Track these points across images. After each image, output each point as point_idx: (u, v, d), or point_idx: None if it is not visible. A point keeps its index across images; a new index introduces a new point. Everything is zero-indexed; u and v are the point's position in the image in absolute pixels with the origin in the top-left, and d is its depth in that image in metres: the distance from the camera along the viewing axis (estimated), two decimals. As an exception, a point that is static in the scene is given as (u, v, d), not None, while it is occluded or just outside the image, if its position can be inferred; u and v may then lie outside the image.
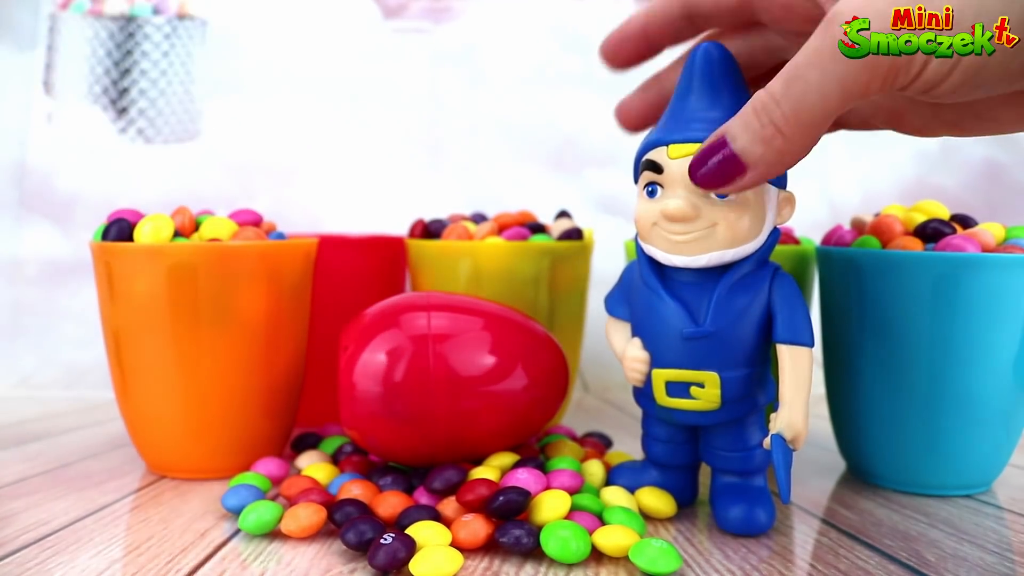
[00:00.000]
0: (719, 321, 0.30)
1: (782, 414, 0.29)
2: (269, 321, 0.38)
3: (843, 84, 0.24)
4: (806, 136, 0.26)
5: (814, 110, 0.25)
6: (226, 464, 0.38)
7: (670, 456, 0.34)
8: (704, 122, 0.30)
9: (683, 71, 0.32)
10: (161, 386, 0.36)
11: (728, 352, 0.30)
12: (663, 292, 0.31)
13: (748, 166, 0.27)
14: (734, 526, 0.31)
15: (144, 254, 0.35)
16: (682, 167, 0.29)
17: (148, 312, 0.36)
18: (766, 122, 0.26)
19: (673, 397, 0.31)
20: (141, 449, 0.39)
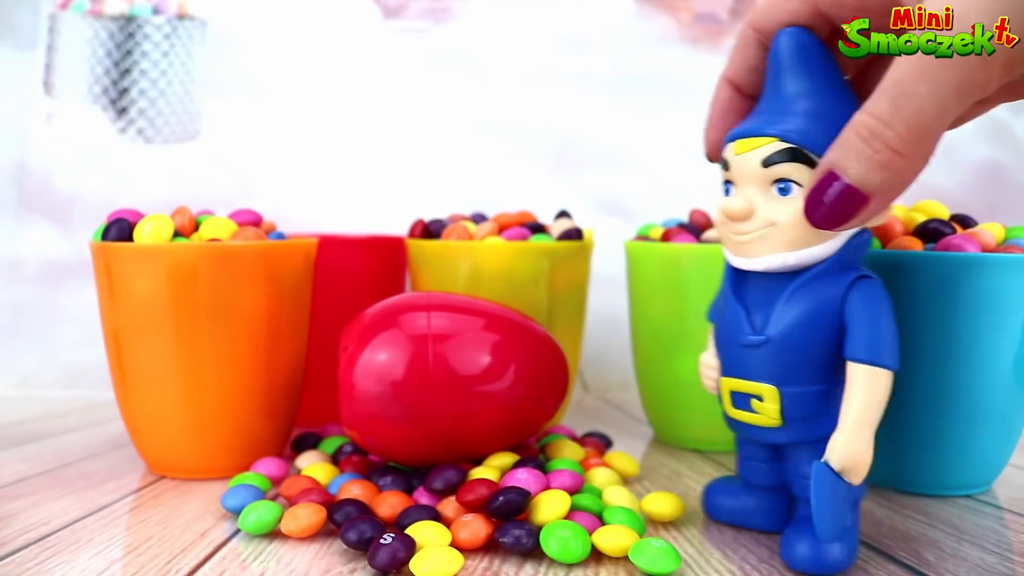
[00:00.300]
0: (776, 330, 0.28)
1: (835, 439, 0.26)
2: (269, 321, 0.37)
3: (959, 89, 0.23)
4: (927, 150, 0.24)
5: (934, 123, 0.24)
6: (226, 464, 0.38)
7: (757, 475, 0.31)
8: (781, 114, 0.28)
9: (769, 59, 0.29)
10: (161, 386, 0.36)
11: (787, 364, 0.28)
12: (732, 296, 0.29)
13: (870, 196, 0.25)
14: (798, 564, 0.27)
15: (144, 254, 0.35)
16: (746, 163, 0.28)
17: (148, 312, 0.36)
18: (879, 147, 0.24)
19: (737, 409, 0.29)
20: (141, 449, 0.39)
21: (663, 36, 0.69)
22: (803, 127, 0.27)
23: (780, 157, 0.27)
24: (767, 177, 0.28)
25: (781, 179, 0.27)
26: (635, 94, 0.69)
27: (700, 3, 0.69)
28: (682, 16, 0.70)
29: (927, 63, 0.23)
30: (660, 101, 0.69)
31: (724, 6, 0.70)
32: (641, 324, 0.45)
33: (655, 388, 0.45)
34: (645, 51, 0.69)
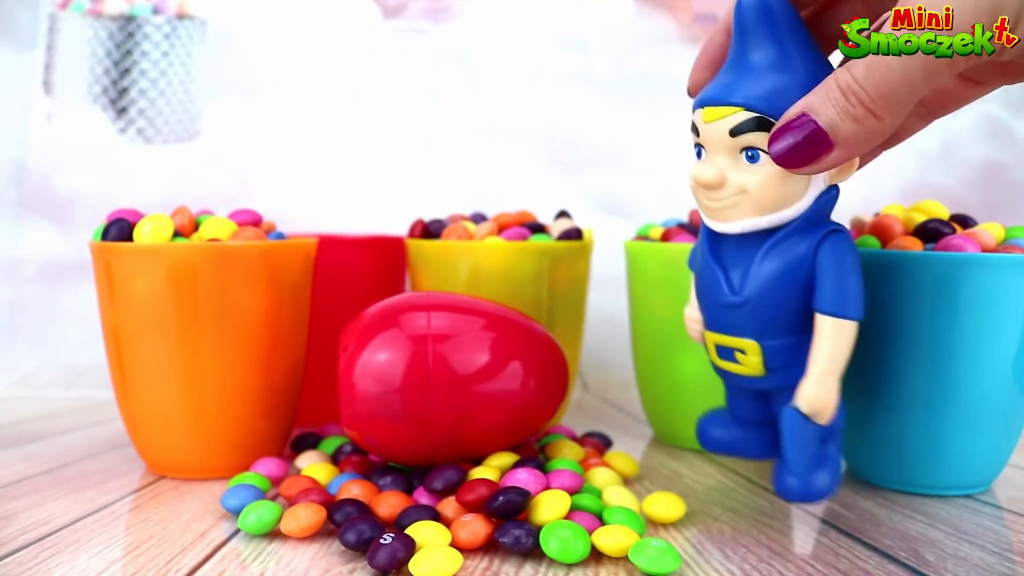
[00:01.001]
0: (753, 290, 0.29)
1: (805, 386, 0.28)
2: (269, 321, 0.37)
3: (926, 64, 0.24)
4: (894, 115, 0.25)
5: (900, 91, 0.25)
6: (226, 464, 0.38)
7: (745, 411, 0.33)
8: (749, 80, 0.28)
9: (732, 21, 0.29)
10: (161, 386, 0.36)
11: (766, 321, 0.29)
12: (709, 257, 0.30)
13: (836, 143, 0.26)
14: (790, 494, 0.30)
15: (144, 254, 0.35)
16: (715, 131, 0.28)
17: (148, 312, 0.36)
18: (855, 102, 0.25)
19: (723, 360, 0.31)
20: (141, 449, 0.39)
21: (663, 36, 0.69)
22: (768, 94, 0.28)
23: (747, 126, 0.28)
24: (735, 145, 0.28)
25: (748, 147, 0.28)
26: (635, 94, 0.69)
27: (700, 3, 0.69)
28: (682, 16, 0.70)
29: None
30: (660, 101, 0.68)
31: (724, 6, 0.70)
32: (641, 324, 0.45)
33: (655, 388, 0.45)
34: (645, 51, 0.69)
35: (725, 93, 0.28)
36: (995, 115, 0.68)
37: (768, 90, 0.28)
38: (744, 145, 0.28)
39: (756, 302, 0.29)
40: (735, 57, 0.29)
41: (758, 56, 0.28)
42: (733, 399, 0.34)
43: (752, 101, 0.28)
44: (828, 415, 0.28)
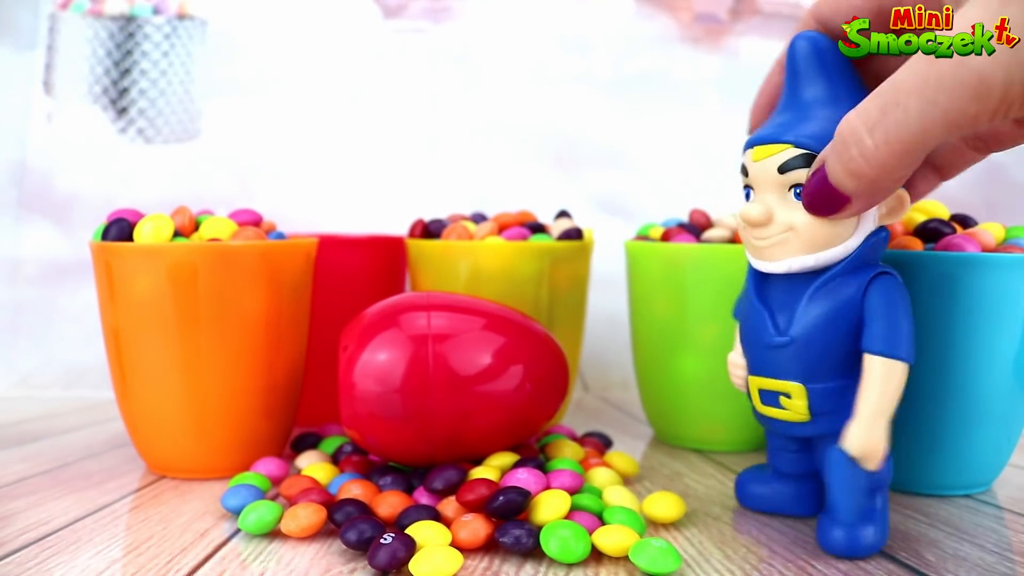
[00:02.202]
0: (800, 330, 0.28)
1: (852, 428, 0.27)
2: (269, 321, 0.37)
3: (947, 116, 0.22)
4: (899, 167, 0.24)
5: (912, 141, 0.23)
6: (226, 464, 0.38)
7: (788, 464, 0.32)
8: (798, 119, 0.28)
9: (785, 63, 0.30)
10: (161, 386, 0.36)
11: (812, 363, 0.28)
12: (755, 298, 0.30)
13: (850, 197, 0.25)
14: (834, 548, 0.28)
15: (144, 254, 0.35)
16: (764, 169, 0.29)
17: (148, 312, 0.36)
18: (855, 154, 0.24)
19: (766, 405, 0.30)
20: (141, 449, 0.39)
21: (663, 36, 0.69)
22: (818, 132, 0.28)
23: (796, 163, 0.28)
24: (784, 183, 0.28)
25: (798, 184, 0.28)
26: (635, 94, 0.69)
27: (700, 3, 0.69)
28: (682, 16, 0.70)
29: (927, 80, 0.23)
30: (660, 101, 0.69)
31: (724, 6, 0.70)
32: (641, 324, 0.45)
33: (655, 388, 0.45)
34: (645, 51, 0.69)
35: (776, 132, 0.29)
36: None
37: (817, 127, 0.28)
38: (793, 182, 0.28)
39: (802, 343, 0.28)
40: (787, 98, 0.30)
41: (809, 95, 0.29)
42: (775, 451, 0.33)
43: (801, 138, 0.28)
44: (877, 460, 0.27)
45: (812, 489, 0.33)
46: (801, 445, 0.32)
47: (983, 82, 0.22)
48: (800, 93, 0.29)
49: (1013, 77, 0.22)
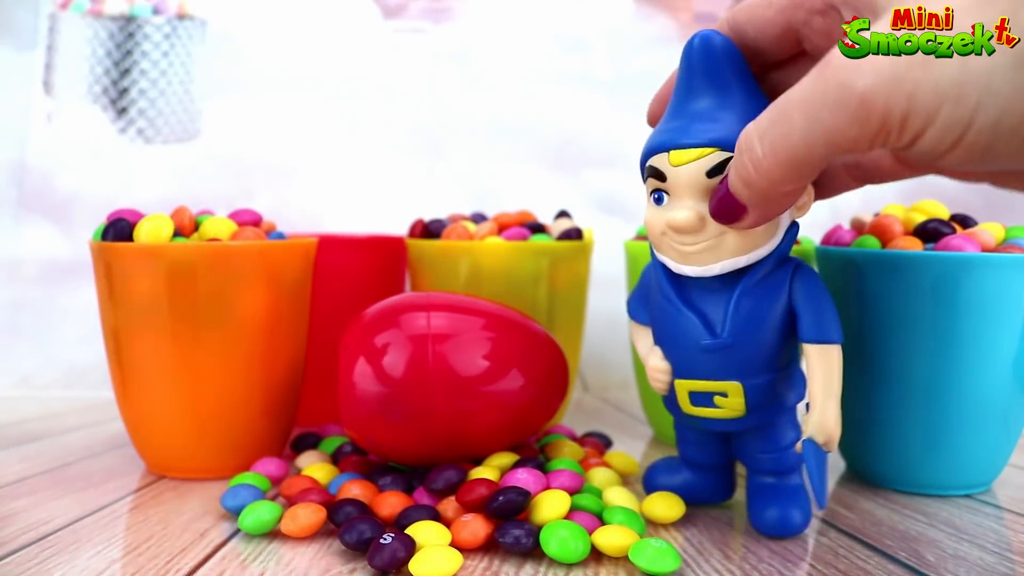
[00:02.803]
0: (737, 331, 0.29)
1: (812, 417, 0.28)
2: (268, 321, 0.37)
3: (829, 134, 0.22)
4: (785, 179, 0.24)
5: (795, 153, 0.23)
6: (225, 464, 0.38)
7: (704, 456, 0.33)
8: (709, 121, 0.28)
9: (681, 63, 0.29)
10: (161, 386, 0.36)
11: (750, 360, 0.29)
12: (679, 302, 0.30)
13: (747, 207, 0.26)
14: (769, 528, 0.30)
15: (144, 254, 0.35)
16: (687, 174, 0.28)
17: (147, 312, 0.36)
18: (746, 163, 0.25)
19: (697, 406, 0.30)
20: (140, 449, 0.39)
21: (663, 36, 0.69)
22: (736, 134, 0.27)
23: (724, 166, 0.27)
24: (710, 186, 0.28)
25: None
26: (635, 94, 0.68)
27: (700, 3, 0.69)
28: (682, 16, 0.70)
29: (813, 95, 0.23)
30: (660, 101, 0.68)
31: (724, 6, 0.70)
32: (641, 324, 0.45)
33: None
34: (645, 51, 0.69)
35: (692, 136, 0.28)
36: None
37: (735, 130, 0.27)
38: None
39: (743, 342, 0.29)
40: (684, 99, 0.29)
41: (713, 97, 0.28)
42: (691, 445, 0.33)
43: (722, 141, 0.27)
44: (836, 440, 0.28)
45: (722, 477, 0.34)
46: (718, 438, 0.33)
47: (863, 105, 0.22)
48: (701, 94, 0.29)
49: (892, 104, 0.21)
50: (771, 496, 0.31)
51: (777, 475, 0.32)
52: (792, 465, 0.31)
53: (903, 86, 0.21)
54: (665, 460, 0.36)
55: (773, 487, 0.31)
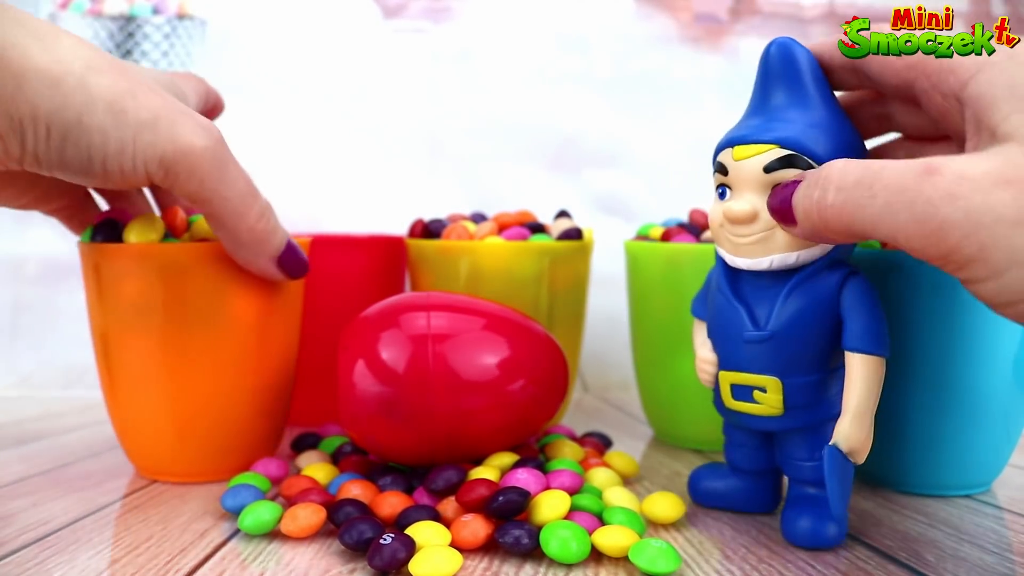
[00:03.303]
0: (779, 325, 0.29)
1: (842, 424, 0.28)
2: (260, 322, 0.37)
3: (896, 232, 0.23)
4: (840, 235, 0.25)
5: (859, 224, 0.24)
6: (217, 467, 0.37)
7: (747, 461, 0.33)
8: (775, 120, 0.29)
9: (759, 67, 0.31)
10: (150, 388, 0.36)
11: (790, 357, 0.29)
12: (730, 294, 0.31)
13: (797, 221, 0.26)
14: (799, 538, 0.30)
15: (133, 255, 0.35)
16: (746, 169, 0.29)
17: (137, 314, 0.35)
18: (815, 196, 0.25)
19: (738, 400, 0.31)
20: (130, 453, 0.38)
21: (663, 36, 0.69)
22: (801, 134, 0.29)
23: (780, 163, 0.29)
24: (768, 182, 0.29)
25: None
26: (635, 94, 0.69)
27: (700, 3, 0.69)
28: (682, 16, 0.70)
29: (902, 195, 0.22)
30: (660, 101, 0.68)
31: (724, 6, 0.70)
32: (641, 324, 0.45)
33: (655, 388, 0.45)
34: (645, 51, 0.69)
35: (757, 132, 0.29)
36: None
37: (800, 129, 0.29)
38: (777, 181, 0.29)
39: (782, 337, 0.29)
40: (759, 100, 0.31)
41: (783, 99, 0.30)
42: (736, 447, 0.33)
43: (785, 139, 0.29)
44: (864, 453, 0.28)
45: (767, 485, 0.33)
46: (762, 441, 0.32)
47: (937, 232, 0.22)
48: (773, 96, 0.30)
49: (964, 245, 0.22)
50: (807, 506, 0.30)
51: (818, 486, 0.31)
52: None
53: (980, 235, 0.21)
54: (711, 465, 0.35)
55: (811, 497, 0.31)
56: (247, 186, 0.32)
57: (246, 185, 0.32)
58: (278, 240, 0.34)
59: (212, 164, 0.30)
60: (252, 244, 0.33)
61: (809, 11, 0.70)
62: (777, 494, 0.34)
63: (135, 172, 0.29)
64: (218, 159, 0.30)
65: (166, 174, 0.30)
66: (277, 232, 0.34)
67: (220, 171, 0.31)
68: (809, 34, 0.70)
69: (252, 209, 0.32)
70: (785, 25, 0.69)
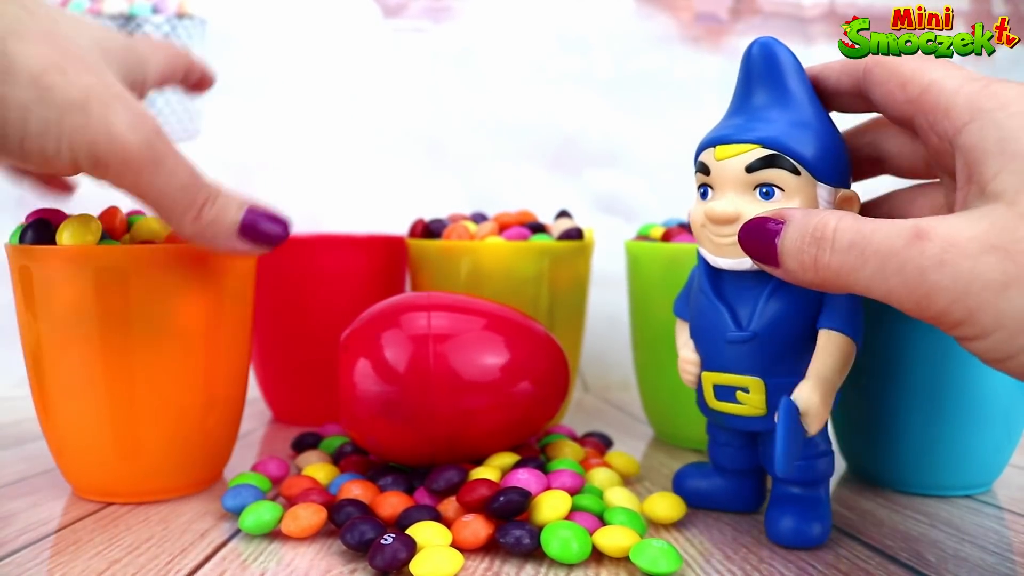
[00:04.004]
0: (761, 325, 0.29)
1: (802, 386, 0.28)
2: (208, 329, 0.34)
3: (888, 295, 0.23)
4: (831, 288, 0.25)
5: (851, 284, 0.24)
6: (161, 487, 0.35)
7: (731, 460, 0.33)
8: (756, 120, 0.29)
9: (740, 66, 0.30)
10: (88, 404, 0.33)
11: (772, 357, 0.29)
12: (712, 295, 0.30)
13: (780, 264, 0.26)
14: (783, 537, 0.30)
15: (67, 258, 0.32)
16: (729, 168, 0.29)
17: (72, 323, 0.32)
18: (813, 252, 0.25)
19: (721, 401, 0.31)
20: (67, 473, 0.35)
21: (663, 36, 0.69)
22: (783, 134, 0.28)
23: (763, 163, 0.28)
24: (750, 182, 0.29)
25: (764, 183, 0.28)
26: (635, 94, 0.69)
27: (700, 3, 0.69)
28: (682, 16, 0.70)
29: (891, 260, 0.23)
30: (660, 101, 0.68)
31: (724, 6, 0.70)
32: (641, 324, 0.45)
33: (655, 388, 0.45)
34: (645, 51, 0.69)
35: (739, 132, 0.29)
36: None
37: (782, 129, 0.28)
38: (760, 182, 0.28)
39: (764, 337, 0.29)
40: (741, 100, 0.30)
41: (764, 99, 0.29)
42: (719, 446, 0.33)
43: (767, 139, 0.28)
44: (818, 422, 0.28)
45: (751, 484, 0.33)
46: (746, 441, 0.32)
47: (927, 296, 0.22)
48: (755, 96, 0.30)
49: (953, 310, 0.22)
50: (790, 505, 0.30)
51: (800, 485, 0.30)
52: (817, 476, 0.30)
53: (968, 301, 0.22)
54: (696, 464, 0.35)
55: (794, 496, 0.30)
56: (188, 177, 0.29)
57: (187, 176, 0.29)
58: (230, 221, 0.30)
59: (147, 159, 0.27)
60: (201, 233, 0.30)
61: (809, 11, 0.70)
62: (761, 493, 0.34)
63: (58, 157, 0.26)
64: (154, 153, 0.27)
65: (95, 165, 0.27)
66: (228, 212, 0.30)
67: (155, 165, 0.28)
68: (809, 34, 0.70)
69: (195, 201, 0.29)
70: (785, 25, 0.69)
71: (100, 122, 0.26)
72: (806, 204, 0.28)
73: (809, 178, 0.28)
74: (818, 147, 0.28)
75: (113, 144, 0.26)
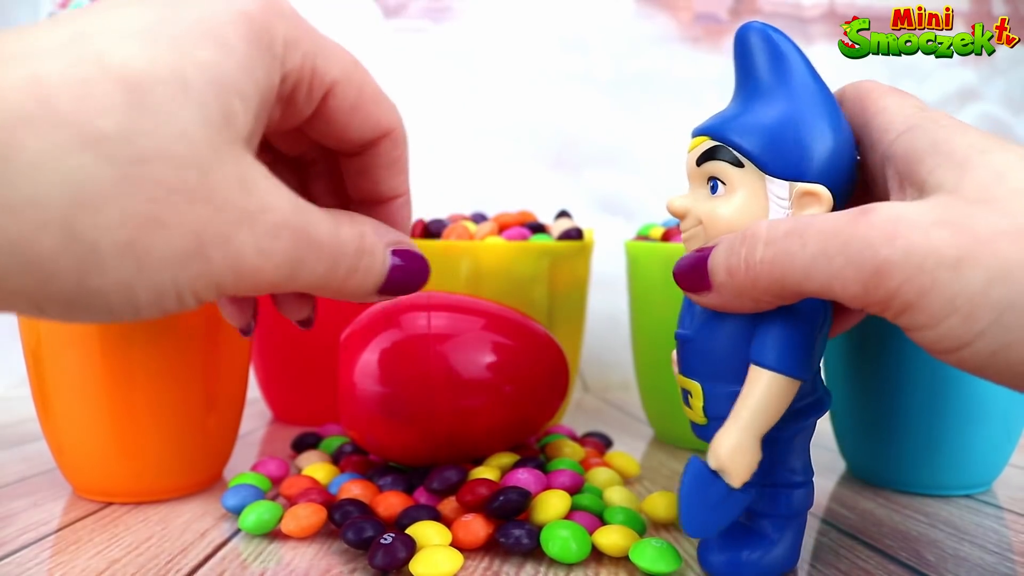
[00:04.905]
0: (697, 326, 0.27)
1: (720, 436, 0.24)
2: (208, 330, 0.34)
3: (831, 280, 0.21)
4: (769, 292, 0.23)
5: (790, 276, 0.22)
6: (161, 486, 0.35)
7: None
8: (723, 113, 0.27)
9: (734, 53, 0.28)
10: (88, 404, 0.33)
11: (708, 362, 0.26)
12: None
13: (712, 286, 0.24)
14: (713, 568, 0.27)
15: None
16: (689, 161, 0.27)
17: (74, 324, 0.32)
18: (742, 254, 0.23)
19: (684, 404, 0.28)
20: (67, 473, 0.36)
21: (663, 36, 0.69)
22: (724, 124, 0.26)
23: (706, 155, 0.26)
24: (702, 175, 0.27)
25: (712, 176, 0.26)
26: (635, 94, 0.69)
27: (700, 3, 0.69)
28: (682, 16, 0.70)
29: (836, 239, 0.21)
30: (660, 101, 0.69)
31: (724, 6, 0.70)
32: (641, 324, 0.45)
33: (655, 388, 0.45)
34: (645, 51, 0.69)
35: (703, 124, 0.27)
36: (996, 115, 0.68)
37: (726, 120, 0.26)
38: (708, 174, 0.26)
39: (700, 339, 0.26)
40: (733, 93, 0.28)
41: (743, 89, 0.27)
42: None
43: (707, 129, 0.26)
44: (741, 476, 0.24)
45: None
46: None
47: (876, 274, 0.20)
48: (737, 86, 0.27)
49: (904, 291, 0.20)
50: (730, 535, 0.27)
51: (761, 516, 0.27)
52: (792, 512, 0.27)
53: (921, 279, 0.20)
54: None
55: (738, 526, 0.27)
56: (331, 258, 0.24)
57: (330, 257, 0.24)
58: (372, 284, 0.26)
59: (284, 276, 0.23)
60: (346, 295, 0.26)
61: (809, 11, 0.70)
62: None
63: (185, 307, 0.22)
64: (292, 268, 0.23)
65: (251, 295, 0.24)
66: (370, 276, 0.26)
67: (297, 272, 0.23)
68: (809, 34, 0.70)
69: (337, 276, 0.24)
70: (785, 25, 0.69)
71: (222, 264, 0.21)
72: (752, 199, 0.25)
73: (755, 171, 0.25)
74: (770, 138, 0.25)
75: (242, 281, 0.22)
